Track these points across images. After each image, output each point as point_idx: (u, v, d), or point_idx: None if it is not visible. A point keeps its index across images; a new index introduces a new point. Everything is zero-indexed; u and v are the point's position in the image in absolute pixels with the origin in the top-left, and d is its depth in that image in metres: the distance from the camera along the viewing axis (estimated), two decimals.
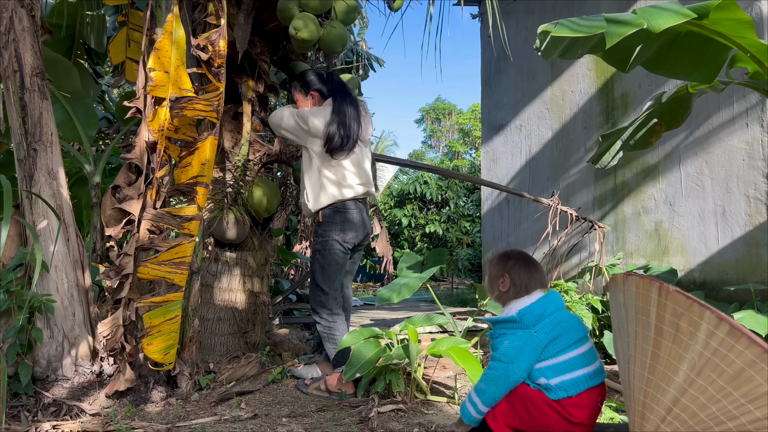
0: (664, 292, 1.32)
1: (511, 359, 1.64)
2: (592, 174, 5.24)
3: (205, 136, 2.97)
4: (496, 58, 6.42)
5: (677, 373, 1.30)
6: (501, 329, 1.72)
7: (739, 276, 4.09)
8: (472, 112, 25.12)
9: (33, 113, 2.97)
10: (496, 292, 1.83)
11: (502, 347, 1.68)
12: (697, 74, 2.43)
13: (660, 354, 1.33)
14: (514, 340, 1.66)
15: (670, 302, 1.31)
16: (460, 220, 12.87)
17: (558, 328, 1.66)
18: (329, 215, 3.18)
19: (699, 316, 1.25)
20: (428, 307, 6.55)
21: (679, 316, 1.29)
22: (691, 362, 1.27)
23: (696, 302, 1.27)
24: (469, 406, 1.71)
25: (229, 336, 3.66)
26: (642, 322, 1.38)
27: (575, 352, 1.64)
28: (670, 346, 1.31)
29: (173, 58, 2.87)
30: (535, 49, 2.15)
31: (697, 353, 1.26)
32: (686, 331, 1.28)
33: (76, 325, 2.97)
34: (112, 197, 3.04)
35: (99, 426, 2.58)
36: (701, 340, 1.25)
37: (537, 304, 1.71)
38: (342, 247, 3.19)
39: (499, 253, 1.93)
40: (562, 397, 1.60)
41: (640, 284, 1.39)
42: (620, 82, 5.01)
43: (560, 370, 1.62)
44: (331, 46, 3.50)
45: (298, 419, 2.70)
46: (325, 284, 3.19)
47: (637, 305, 1.39)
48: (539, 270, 1.83)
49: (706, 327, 1.25)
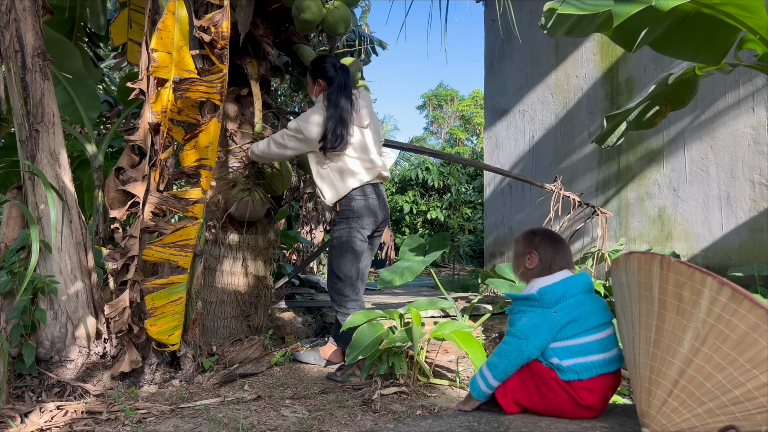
0: (665, 263, 1.32)
1: (527, 336, 1.63)
2: (595, 159, 5.22)
3: (209, 119, 2.95)
4: (500, 42, 6.37)
5: (682, 344, 1.30)
6: (520, 305, 1.71)
7: (743, 261, 4.09)
8: (472, 99, 24.98)
9: (35, 94, 2.95)
10: (522, 268, 1.81)
11: (519, 323, 1.67)
12: (704, 55, 2.40)
13: (664, 327, 1.33)
14: (531, 317, 1.65)
15: (672, 273, 1.31)
16: (461, 207, 12.86)
17: (578, 310, 1.64)
18: (346, 204, 3.19)
19: (701, 284, 1.25)
20: (430, 292, 6.56)
21: (681, 286, 1.29)
22: (695, 331, 1.27)
23: (697, 270, 1.27)
24: (480, 380, 1.70)
25: (232, 319, 3.67)
26: (645, 297, 1.37)
27: (593, 336, 1.62)
28: (674, 317, 1.31)
29: (176, 38, 2.84)
30: (541, 27, 2.12)
31: (701, 321, 1.26)
32: (689, 300, 1.28)
33: (80, 306, 2.97)
34: (115, 179, 3.03)
35: (103, 407, 2.59)
36: (704, 308, 1.25)
37: (559, 284, 1.69)
38: (359, 234, 3.20)
39: (525, 231, 1.90)
40: (572, 379, 1.59)
41: (641, 260, 1.39)
42: (625, 67, 4.97)
43: (574, 353, 1.61)
44: (334, 28, 3.47)
45: (301, 401, 2.71)
46: (342, 272, 3.20)
47: (640, 281, 1.39)
48: (566, 249, 1.80)
49: (708, 294, 1.24)
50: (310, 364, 3.39)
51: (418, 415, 2.44)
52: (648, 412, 1.38)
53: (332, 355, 3.38)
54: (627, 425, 1.53)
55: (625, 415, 1.63)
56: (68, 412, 2.53)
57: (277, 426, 2.33)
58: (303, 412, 2.53)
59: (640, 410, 1.42)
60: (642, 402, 1.40)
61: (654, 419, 1.37)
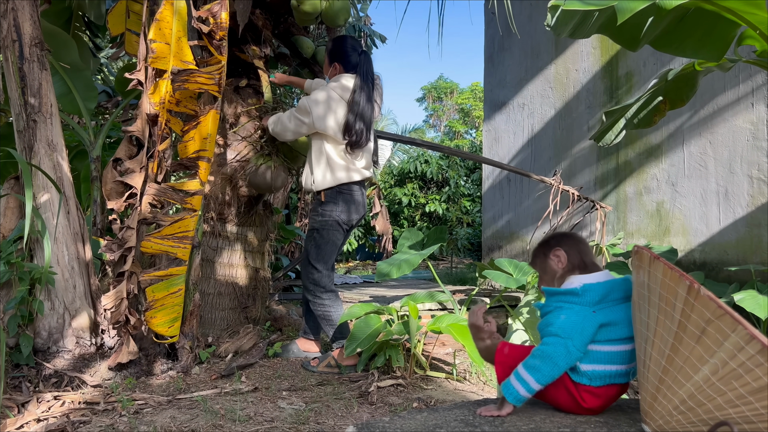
0: (693, 293, 1.24)
1: (570, 335, 1.49)
2: (594, 153, 5.22)
3: (207, 110, 2.94)
4: (499, 35, 6.35)
5: (697, 373, 1.26)
6: (558, 301, 1.57)
7: (740, 257, 4.10)
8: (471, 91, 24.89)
9: (32, 84, 2.94)
10: (554, 273, 1.68)
11: (558, 321, 1.52)
12: (704, 52, 2.39)
13: (681, 349, 1.29)
14: (570, 315, 1.51)
15: (698, 305, 1.24)
16: (460, 200, 12.86)
17: (615, 316, 1.53)
18: (333, 195, 3.15)
19: (730, 329, 1.19)
20: (427, 285, 6.57)
21: (707, 322, 1.23)
22: (714, 367, 1.23)
23: (728, 313, 1.19)
24: (517, 384, 1.52)
25: (229, 311, 3.68)
26: (665, 311, 1.32)
27: (620, 347, 1.53)
28: (693, 344, 1.26)
29: (174, 29, 2.83)
30: (546, 26, 2.11)
31: (721, 360, 1.22)
32: (713, 338, 1.23)
33: (77, 297, 2.97)
34: (113, 170, 3.02)
35: (100, 397, 2.60)
36: (728, 351, 1.20)
37: (604, 285, 1.57)
38: (341, 227, 3.18)
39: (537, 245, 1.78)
40: (582, 383, 1.53)
41: (667, 274, 1.30)
42: (625, 61, 4.96)
43: (597, 359, 1.52)
44: (333, 19, 3.45)
45: (298, 393, 2.72)
46: (319, 263, 3.17)
47: (662, 294, 1.32)
48: (586, 243, 1.71)
49: (735, 340, 1.19)
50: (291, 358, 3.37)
51: (414, 408, 2.45)
52: (651, 415, 1.39)
53: (310, 346, 3.39)
54: (621, 420, 1.53)
55: (620, 411, 1.64)
56: (65, 403, 2.54)
57: (274, 417, 2.34)
58: (300, 403, 2.54)
59: (643, 409, 1.42)
60: (646, 403, 1.40)
61: (656, 422, 1.37)
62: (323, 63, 3.44)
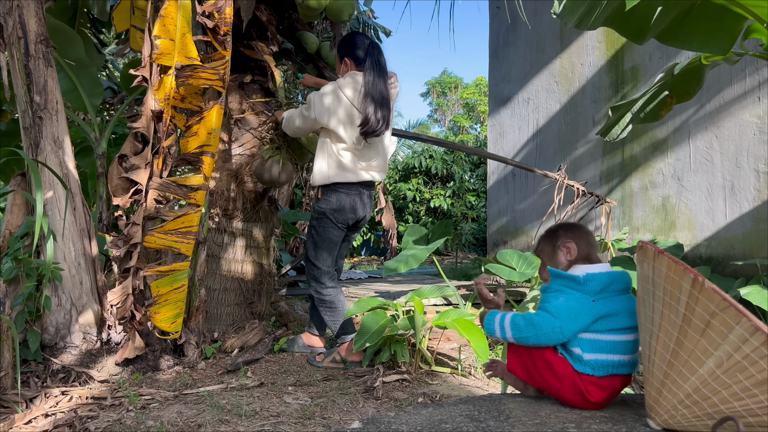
0: (698, 286, 1.24)
1: (562, 317, 1.54)
2: (599, 148, 5.20)
3: (212, 105, 2.95)
4: (504, 29, 6.33)
5: (702, 366, 1.26)
6: (560, 285, 1.61)
7: (746, 251, 4.08)
8: (476, 86, 24.83)
9: (38, 81, 2.95)
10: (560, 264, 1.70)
11: (556, 302, 1.57)
12: (711, 45, 2.38)
13: (685, 343, 1.29)
14: (569, 299, 1.56)
15: (703, 298, 1.24)
16: (465, 195, 12.84)
17: (616, 306, 1.56)
18: (331, 194, 3.11)
19: (734, 320, 1.20)
20: (432, 280, 6.57)
21: (711, 315, 1.23)
22: (719, 360, 1.24)
23: (732, 305, 1.20)
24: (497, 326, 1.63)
25: (235, 306, 3.69)
26: (669, 305, 1.32)
27: (622, 337, 1.56)
28: (697, 338, 1.27)
29: (179, 25, 2.83)
30: (553, 13, 2.10)
31: (725, 353, 1.22)
32: (718, 330, 1.23)
33: (84, 293, 2.98)
34: (118, 166, 3.03)
35: (107, 392, 2.61)
36: (733, 343, 1.21)
37: (606, 275, 1.60)
38: (336, 225, 3.15)
39: (544, 233, 1.80)
40: (586, 373, 1.54)
41: (672, 268, 1.30)
42: (630, 55, 4.93)
43: (599, 348, 1.55)
44: (338, 15, 3.44)
45: (304, 388, 2.73)
46: (318, 260, 3.18)
47: (666, 288, 1.32)
48: (593, 236, 1.74)
49: (740, 332, 1.20)
50: (296, 353, 3.39)
51: (419, 403, 2.46)
52: (656, 409, 1.39)
53: (315, 341, 3.40)
54: (627, 415, 1.53)
55: (626, 406, 1.64)
56: (73, 398, 2.55)
57: (280, 412, 2.35)
58: (305, 398, 2.55)
59: (648, 403, 1.42)
60: (651, 398, 1.40)
61: (661, 417, 1.37)
62: (327, 59, 3.42)
